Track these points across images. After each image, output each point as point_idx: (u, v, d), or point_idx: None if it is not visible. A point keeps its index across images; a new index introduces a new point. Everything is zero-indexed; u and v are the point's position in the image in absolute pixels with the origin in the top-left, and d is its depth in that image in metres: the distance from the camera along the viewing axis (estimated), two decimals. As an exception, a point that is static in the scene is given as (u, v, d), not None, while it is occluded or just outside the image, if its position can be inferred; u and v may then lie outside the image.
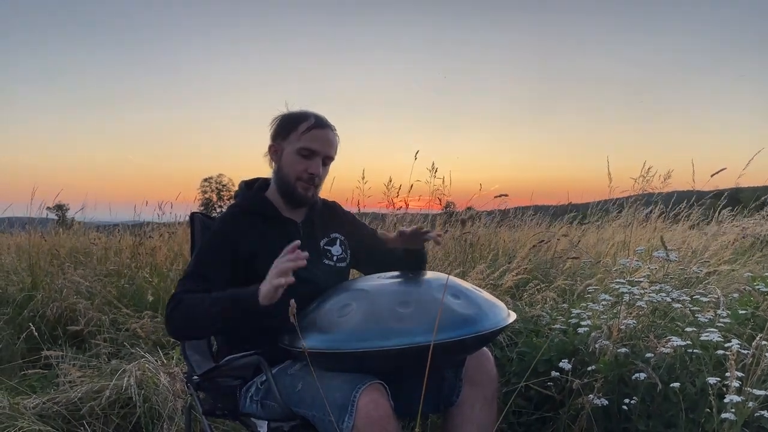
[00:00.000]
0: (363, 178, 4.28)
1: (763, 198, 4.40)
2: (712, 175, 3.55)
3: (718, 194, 4.76)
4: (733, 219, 4.78)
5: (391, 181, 4.42)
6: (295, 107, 1.85)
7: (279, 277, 1.47)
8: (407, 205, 4.60)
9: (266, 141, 1.85)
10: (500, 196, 3.98)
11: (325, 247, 1.85)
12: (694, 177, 3.76)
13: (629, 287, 2.16)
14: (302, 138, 1.76)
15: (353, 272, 2.00)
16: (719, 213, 4.84)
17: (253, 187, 1.89)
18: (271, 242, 1.72)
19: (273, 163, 1.84)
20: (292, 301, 1.28)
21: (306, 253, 1.51)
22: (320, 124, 1.79)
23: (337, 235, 1.90)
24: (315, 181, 1.79)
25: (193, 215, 1.99)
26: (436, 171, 4.24)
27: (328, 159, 1.81)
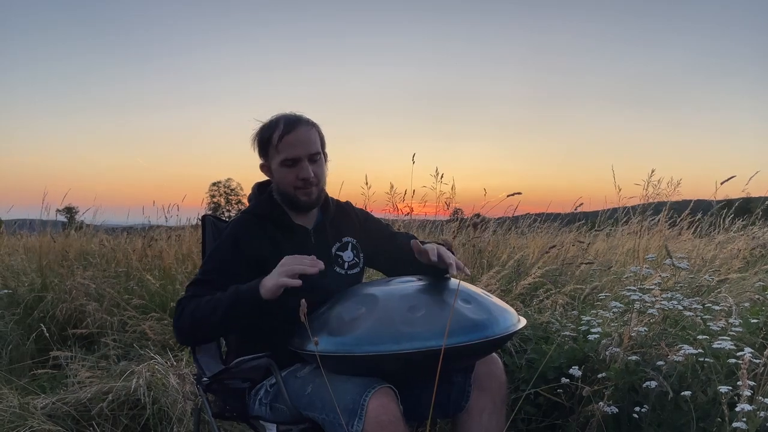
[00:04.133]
0: (366, 183, 4.26)
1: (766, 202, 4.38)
2: (721, 183, 3.55)
3: (728, 203, 4.75)
4: (743, 228, 4.76)
5: (393, 187, 4.40)
6: (264, 116, 1.80)
7: (286, 276, 1.49)
8: (411, 210, 4.60)
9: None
10: (514, 194, 3.94)
11: (337, 253, 1.84)
12: (705, 186, 3.75)
13: (640, 294, 2.15)
14: (279, 150, 1.72)
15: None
16: (726, 221, 4.82)
17: (265, 191, 1.86)
18: (282, 249, 1.72)
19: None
20: (303, 301, 1.28)
21: (322, 264, 1.52)
22: (289, 128, 1.72)
23: (349, 239, 1.88)
24: (311, 182, 1.74)
25: (204, 218, 2.00)
26: (441, 177, 4.22)
27: (314, 156, 1.74)
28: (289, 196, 1.77)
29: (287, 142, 1.71)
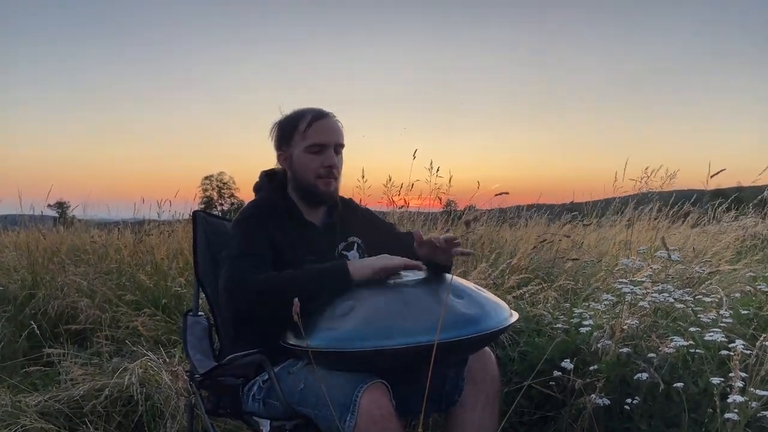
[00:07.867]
0: (363, 177, 4.27)
1: (760, 197, 4.39)
2: (711, 176, 3.55)
3: (717, 193, 4.77)
4: (735, 219, 4.78)
5: (390, 180, 4.42)
6: (289, 108, 1.81)
7: (385, 266, 1.56)
8: (407, 204, 4.61)
9: (265, 137, 1.82)
10: (501, 194, 3.96)
11: (342, 252, 1.83)
12: (697, 177, 3.76)
13: (632, 287, 2.16)
14: (307, 135, 1.73)
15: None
16: (716, 211, 4.84)
17: (274, 179, 1.85)
18: (292, 242, 1.71)
19: (287, 171, 1.81)
20: (296, 299, 1.27)
21: (423, 270, 1.58)
22: (319, 115, 1.75)
23: (355, 239, 1.87)
24: (334, 173, 1.76)
25: (195, 213, 1.99)
26: (437, 170, 4.23)
27: (339, 147, 1.77)
28: (308, 186, 1.76)
29: (317, 127, 1.73)
